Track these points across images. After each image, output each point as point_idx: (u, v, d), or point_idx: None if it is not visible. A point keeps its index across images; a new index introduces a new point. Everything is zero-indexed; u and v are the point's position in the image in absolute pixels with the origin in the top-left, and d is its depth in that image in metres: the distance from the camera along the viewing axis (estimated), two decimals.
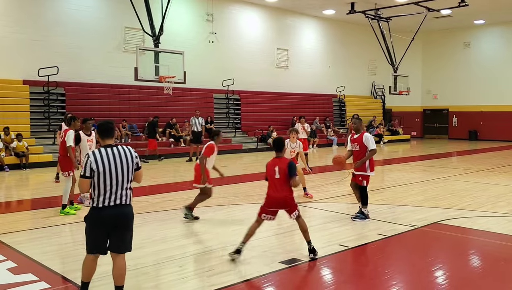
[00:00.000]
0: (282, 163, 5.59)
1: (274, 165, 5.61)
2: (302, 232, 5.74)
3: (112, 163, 4.11)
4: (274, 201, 5.59)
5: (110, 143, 4.25)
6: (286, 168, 5.52)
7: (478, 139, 29.54)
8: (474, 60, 29.79)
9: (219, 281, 4.95)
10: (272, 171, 5.59)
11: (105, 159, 4.10)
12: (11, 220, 7.90)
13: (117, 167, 4.13)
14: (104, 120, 4.42)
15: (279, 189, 5.55)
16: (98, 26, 18.58)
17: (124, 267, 4.32)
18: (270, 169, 5.64)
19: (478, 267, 5.73)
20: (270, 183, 5.66)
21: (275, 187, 5.58)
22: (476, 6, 23.11)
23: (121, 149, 4.22)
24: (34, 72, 16.53)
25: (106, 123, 4.33)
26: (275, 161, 5.65)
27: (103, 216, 4.13)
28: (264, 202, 5.70)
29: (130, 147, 4.34)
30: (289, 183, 5.54)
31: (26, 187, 12.33)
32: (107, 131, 4.27)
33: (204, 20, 21.83)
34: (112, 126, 4.36)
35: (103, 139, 4.28)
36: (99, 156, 4.11)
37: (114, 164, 4.12)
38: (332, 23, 27.64)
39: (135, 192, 10.97)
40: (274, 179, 5.58)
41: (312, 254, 5.66)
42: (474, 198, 9.74)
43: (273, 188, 5.59)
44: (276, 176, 5.56)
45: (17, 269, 5.32)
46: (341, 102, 27.96)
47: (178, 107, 20.26)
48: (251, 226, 5.74)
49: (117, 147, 4.23)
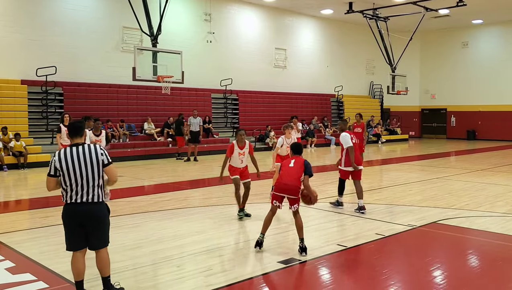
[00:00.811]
0: (299, 158, 6.10)
1: (292, 158, 6.14)
2: (297, 229, 5.90)
3: (76, 161, 4.21)
4: (283, 186, 5.89)
5: (78, 142, 4.35)
6: (302, 163, 5.96)
7: (476, 139, 29.60)
8: (472, 60, 29.84)
9: (217, 281, 4.94)
10: (289, 161, 6.09)
11: (68, 158, 4.21)
12: (10, 220, 7.90)
13: (81, 165, 4.21)
14: (73, 120, 4.52)
15: (289, 177, 5.88)
16: (96, 26, 18.56)
17: (106, 258, 4.42)
18: (286, 161, 6.16)
19: (476, 266, 5.74)
20: (282, 171, 6.03)
21: (286, 174, 5.92)
22: (474, 5, 23.13)
23: (86, 147, 4.31)
24: (32, 72, 16.51)
25: (74, 123, 4.47)
26: (293, 157, 6.16)
27: (70, 212, 4.26)
28: (274, 187, 6.11)
29: (97, 145, 4.43)
30: (301, 176, 5.87)
31: (24, 186, 12.31)
32: (75, 130, 4.38)
33: (202, 20, 21.82)
34: (81, 125, 4.46)
35: (72, 138, 4.39)
36: (63, 155, 4.24)
37: (78, 162, 4.21)
38: (330, 23, 27.66)
39: (133, 191, 11.01)
40: (288, 167, 6.00)
41: (304, 253, 5.74)
42: (472, 197, 9.76)
43: (285, 175, 5.93)
44: (290, 165, 6.00)
45: (15, 269, 5.32)
46: (339, 102, 27.98)
47: (176, 107, 20.24)
48: (267, 216, 6.02)
49: (83, 145, 4.31)
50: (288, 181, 5.84)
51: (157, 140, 18.88)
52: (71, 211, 4.26)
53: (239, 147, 7.90)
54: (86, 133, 8.76)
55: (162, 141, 18.93)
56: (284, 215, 8.40)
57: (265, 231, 6.00)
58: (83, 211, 4.24)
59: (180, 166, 16.06)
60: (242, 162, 7.93)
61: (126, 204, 9.06)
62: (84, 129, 4.50)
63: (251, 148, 7.99)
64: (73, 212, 4.25)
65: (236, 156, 7.88)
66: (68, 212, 4.28)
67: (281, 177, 5.96)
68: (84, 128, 4.50)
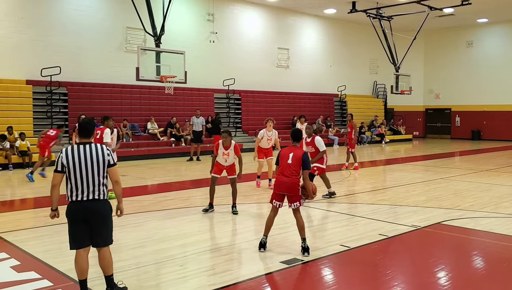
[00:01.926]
0: (297, 151, 5.87)
1: (290, 151, 5.89)
2: (298, 228, 5.85)
3: (83, 159, 4.26)
4: (282, 185, 5.81)
5: (85, 141, 4.38)
6: (300, 157, 5.77)
7: (481, 139, 29.46)
8: (477, 59, 29.69)
9: (220, 280, 4.94)
10: (286, 156, 5.87)
11: (76, 155, 4.26)
12: (15, 218, 7.94)
13: (87, 162, 4.26)
14: (83, 120, 4.51)
15: (288, 174, 5.79)
16: (100, 26, 18.61)
17: (109, 257, 4.45)
18: (284, 154, 5.93)
19: (481, 268, 5.71)
20: (280, 167, 5.89)
21: (285, 171, 5.82)
22: (479, 4, 23.01)
23: (93, 146, 4.35)
24: (37, 72, 16.57)
25: (84, 124, 4.45)
26: (292, 148, 5.94)
27: (75, 209, 4.29)
28: (274, 186, 6.02)
29: (104, 145, 4.46)
30: (300, 172, 5.80)
31: (29, 185, 12.36)
32: (85, 131, 4.41)
33: (205, 20, 21.83)
34: (91, 127, 4.46)
35: (80, 138, 4.42)
36: (71, 152, 4.28)
37: (85, 159, 4.26)
38: (333, 22, 27.61)
39: (136, 191, 11.03)
40: (286, 163, 5.83)
41: (306, 253, 5.73)
42: (477, 198, 9.71)
43: (283, 172, 5.84)
44: (288, 161, 5.81)
45: (20, 267, 5.34)
46: (342, 101, 27.92)
47: (179, 107, 20.27)
48: (268, 216, 6.00)
49: (90, 144, 4.35)
50: (286, 179, 5.76)
51: (160, 140, 18.91)
52: (75, 208, 4.29)
53: (224, 147, 8.11)
54: (98, 133, 9.00)
55: (165, 141, 18.96)
56: (286, 215, 8.40)
57: (268, 233, 5.98)
58: (87, 207, 4.28)
59: (183, 165, 16.08)
60: (226, 161, 8.18)
61: (129, 203, 9.06)
62: (94, 131, 4.53)
63: (236, 149, 8.14)
64: (77, 209, 4.28)
65: (221, 155, 8.14)
66: (72, 209, 4.31)
67: (279, 174, 5.88)
68: (94, 130, 4.53)
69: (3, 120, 15.34)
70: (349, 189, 9.42)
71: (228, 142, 8.07)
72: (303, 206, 6.03)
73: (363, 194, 9.98)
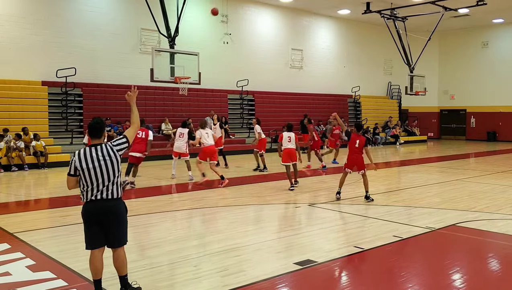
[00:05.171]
0: (361, 139, 9.18)
1: (356, 138, 9.12)
2: (364, 185, 9.12)
3: (96, 161, 4.31)
4: (352, 161, 9.13)
5: (97, 143, 4.43)
6: (364, 141, 9.13)
7: (497, 140, 29.04)
8: (493, 60, 29.29)
9: (233, 281, 4.95)
10: (354, 142, 9.09)
11: (88, 158, 4.32)
12: (30, 219, 8.04)
13: (100, 164, 4.32)
14: (94, 120, 4.52)
15: (355, 153, 9.08)
16: (115, 28, 18.79)
17: (123, 257, 4.49)
18: (353, 140, 9.11)
19: (496, 270, 5.63)
20: (350, 149, 9.15)
21: (354, 152, 9.09)
22: (494, 4, 22.71)
23: (104, 147, 4.40)
24: (53, 74, 16.79)
25: (94, 124, 4.48)
26: (357, 136, 9.17)
27: (90, 209, 4.35)
28: (347, 162, 9.24)
29: (110, 143, 4.48)
30: (362, 151, 9.12)
31: (44, 186, 12.53)
32: (95, 131, 4.46)
33: (219, 21, 21.90)
34: (101, 126, 4.49)
35: (92, 139, 4.48)
36: (83, 155, 4.34)
37: (98, 161, 4.32)
38: (347, 23, 27.48)
39: (150, 191, 11.09)
40: (354, 147, 9.07)
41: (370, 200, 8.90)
42: (493, 200, 9.58)
43: (352, 153, 9.11)
44: (356, 145, 9.06)
45: (35, 267, 5.41)
46: (356, 102, 27.76)
47: (193, 108, 20.36)
48: (341, 177, 9.37)
49: (101, 145, 4.41)
50: (355, 157, 9.03)
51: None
52: (90, 208, 4.35)
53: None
54: (106, 134, 9.11)
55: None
56: (299, 217, 8.38)
57: (341, 187, 9.37)
58: (102, 207, 4.34)
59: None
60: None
61: (143, 204, 9.14)
62: (104, 131, 4.58)
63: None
64: (92, 209, 4.34)
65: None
66: (87, 209, 4.37)
67: (350, 153, 9.12)
68: (104, 130, 4.58)
69: (19, 121, 15.58)
70: (363, 190, 9.35)
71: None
72: (319, 207, 6.00)
73: (377, 195, 9.90)
